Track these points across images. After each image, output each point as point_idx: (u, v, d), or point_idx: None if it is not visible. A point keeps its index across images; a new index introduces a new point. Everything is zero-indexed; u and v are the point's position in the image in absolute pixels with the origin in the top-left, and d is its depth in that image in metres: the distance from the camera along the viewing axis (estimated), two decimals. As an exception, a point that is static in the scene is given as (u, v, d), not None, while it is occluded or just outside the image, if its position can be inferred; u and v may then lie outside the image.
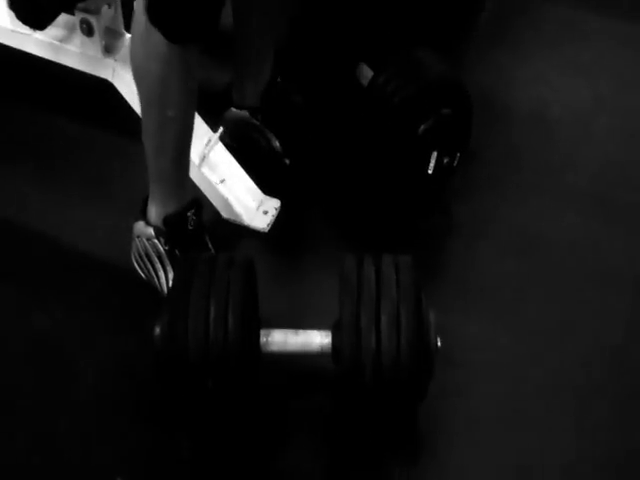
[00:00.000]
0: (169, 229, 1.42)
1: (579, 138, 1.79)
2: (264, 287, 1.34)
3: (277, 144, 1.64)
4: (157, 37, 1.21)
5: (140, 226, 1.44)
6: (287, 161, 1.64)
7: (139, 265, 1.47)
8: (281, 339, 1.28)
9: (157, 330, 1.22)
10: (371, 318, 1.17)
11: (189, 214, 1.41)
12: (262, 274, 1.34)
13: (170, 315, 1.21)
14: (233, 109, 1.65)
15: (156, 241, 1.43)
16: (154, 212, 1.42)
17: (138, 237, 1.45)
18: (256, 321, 1.29)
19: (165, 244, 1.43)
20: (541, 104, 1.86)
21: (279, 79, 1.67)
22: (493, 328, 1.45)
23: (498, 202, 1.65)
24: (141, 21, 1.22)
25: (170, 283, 1.40)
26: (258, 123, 1.64)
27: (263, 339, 1.28)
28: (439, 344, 1.25)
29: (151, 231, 1.42)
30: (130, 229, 1.46)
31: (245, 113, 1.64)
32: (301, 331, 1.29)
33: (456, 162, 1.55)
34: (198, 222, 1.44)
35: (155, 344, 1.22)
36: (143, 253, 1.45)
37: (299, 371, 1.36)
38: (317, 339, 1.28)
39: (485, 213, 1.63)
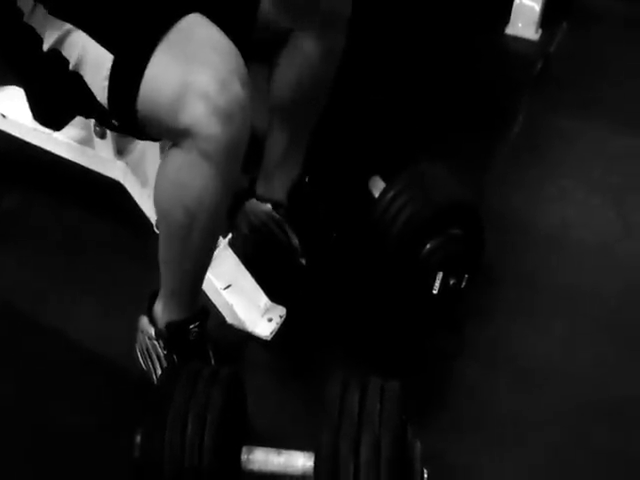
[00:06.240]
0: (170, 336, 1.41)
1: (601, 264, 1.74)
2: (257, 398, 1.32)
3: (296, 241, 1.62)
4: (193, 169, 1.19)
5: (144, 322, 1.44)
6: (303, 261, 1.62)
7: (141, 356, 1.46)
8: (262, 458, 1.25)
9: (137, 439, 1.21)
10: (350, 450, 1.13)
11: (192, 327, 1.40)
12: (257, 385, 1.32)
13: (148, 427, 1.20)
14: (255, 200, 1.63)
15: (156, 342, 1.42)
16: (159, 313, 1.42)
17: (142, 332, 1.45)
18: (239, 437, 1.26)
19: (164, 348, 1.42)
20: (565, 225, 1.82)
21: (307, 178, 1.64)
22: (486, 460, 1.39)
23: (508, 327, 1.59)
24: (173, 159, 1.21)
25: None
26: (280, 217, 1.63)
27: (244, 457, 1.25)
28: (425, 476, 1.21)
29: (152, 331, 1.42)
30: (134, 328, 1.45)
31: (267, 206, 1.63)
32: (284, 451, 1.25)
33: (464, 284, 1.52)
34: (200, 333, 1.42)
35: (135, 454, 1.21)
36: (144, 348, 1.45)
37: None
38: (300, 461, 1.24)
39: (494, 337, 1.58)
